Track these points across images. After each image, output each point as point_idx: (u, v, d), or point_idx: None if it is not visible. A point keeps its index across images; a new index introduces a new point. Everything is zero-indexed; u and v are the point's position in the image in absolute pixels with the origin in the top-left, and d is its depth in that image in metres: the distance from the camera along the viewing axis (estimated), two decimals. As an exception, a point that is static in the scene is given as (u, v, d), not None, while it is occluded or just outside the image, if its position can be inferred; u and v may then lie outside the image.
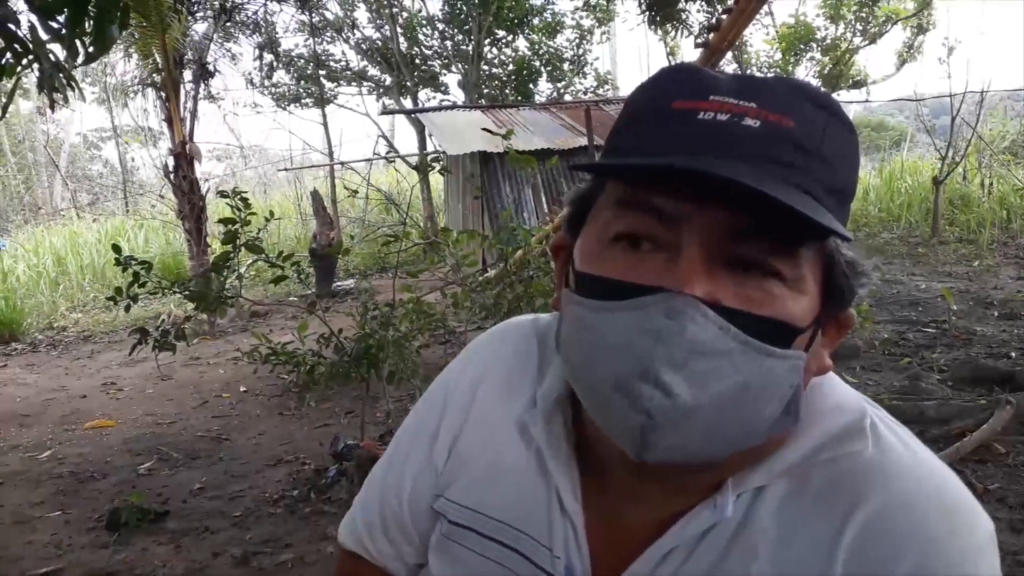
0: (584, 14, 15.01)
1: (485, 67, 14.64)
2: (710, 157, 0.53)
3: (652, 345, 0.53)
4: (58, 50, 2.68)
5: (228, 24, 12.51)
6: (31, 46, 2.63)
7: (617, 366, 0.55)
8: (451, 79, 15.17)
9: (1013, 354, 5.08)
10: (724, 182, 0.49)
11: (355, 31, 14.87)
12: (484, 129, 6.31)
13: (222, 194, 3.62)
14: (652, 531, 0.66)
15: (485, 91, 14.67)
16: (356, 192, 12.42)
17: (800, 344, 0.57)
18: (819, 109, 0.57)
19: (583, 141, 9.43)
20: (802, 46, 14.26)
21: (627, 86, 19.91)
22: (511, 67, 14.99)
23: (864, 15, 13.71)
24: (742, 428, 0.56)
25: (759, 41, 14.96)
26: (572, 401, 0.72)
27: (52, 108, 3.18)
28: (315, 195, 10.26)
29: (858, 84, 14.72)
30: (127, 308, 3.61)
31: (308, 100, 15.28)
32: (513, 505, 0.72)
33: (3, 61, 2.74)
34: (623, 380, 0.54)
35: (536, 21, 14.64)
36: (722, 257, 0.54)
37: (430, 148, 13.20)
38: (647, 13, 8.18)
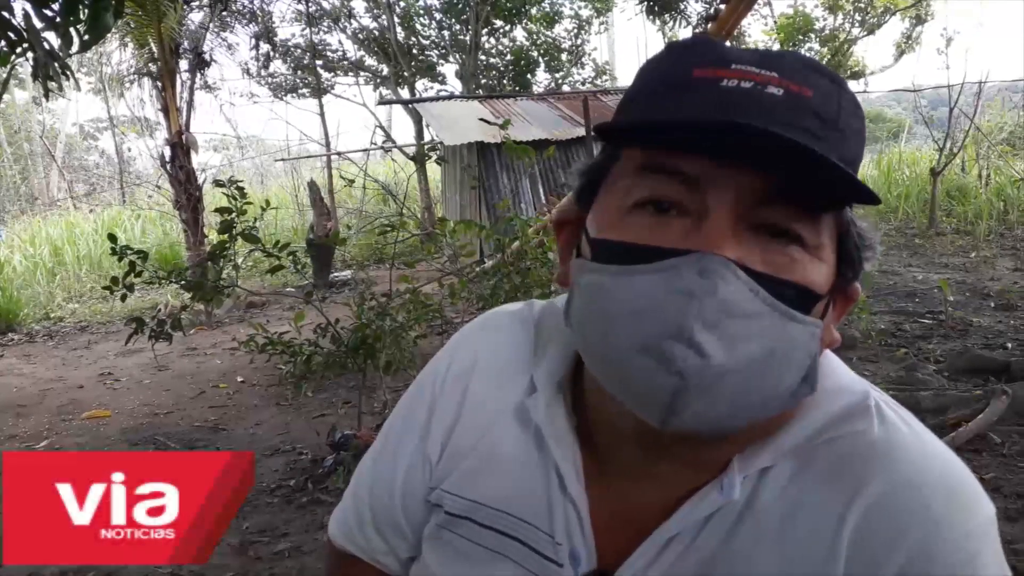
0: (582, 4, 14.97)
1: (483, 57, 14.58)
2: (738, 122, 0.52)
3: (686, 304, 0.52)
4: (52, 38, 2.66)
5: (224, 13, 12.45)
6: (25, 34, 2.61)
7: (645, 328, 0.53)
8: (448, 69, 15.13)
9: (1009, 344, 5.10)
10: (767, 135, 0.49)
11: (352, 21, 14.81)
12: (481, 119, 6.30)
13: (218, 183, 3.61)
14: (657, 514, 0.65)
15: (483, 81, 14.61)
16: (353, 182, 12.41)
17: (817, 312, 0.57)
18: (832, 83, 0.58)
19: (581, 132, 9.41)
20: (800, 37, 14.25)
21: (625, 77, 19.85)
22: (509, 57, 14.93)
23: (862, 6, 13.70)
24: (765, 395, 0.56)
25: (757, 32, 14.93)
26: (572, 385, 0.71)
27: (47, 97, 3.15)
28: (312, 186, 10.23)
29: (856, 75, 14.72)
30: (123, 298, 3.60)
31: (305, 90, 15.21)
32: (511, 492, 0.71)
33: (-3, 49, 2.72)
34: (652, 342, 0.53)
35: (534, 11, 14.57)
36: (747, 221, 0.54)
37: (427, 138, 13.17)
38: (645, 3, 8.16)
